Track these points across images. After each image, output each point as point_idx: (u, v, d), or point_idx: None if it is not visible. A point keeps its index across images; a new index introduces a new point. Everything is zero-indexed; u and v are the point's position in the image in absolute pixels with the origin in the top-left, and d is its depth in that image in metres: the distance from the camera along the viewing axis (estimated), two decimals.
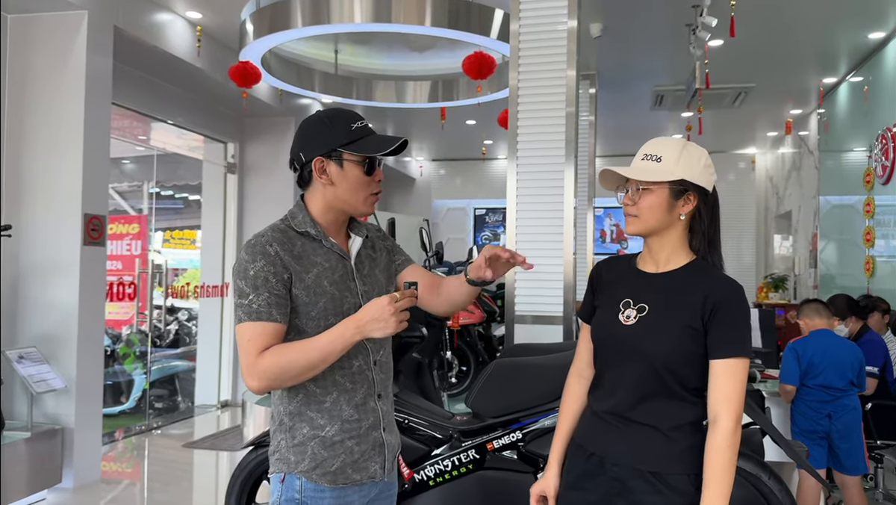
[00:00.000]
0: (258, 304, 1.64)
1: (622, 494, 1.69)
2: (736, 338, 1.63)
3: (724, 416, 1.60)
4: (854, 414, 3.77)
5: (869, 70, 6.72)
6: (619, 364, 1.73)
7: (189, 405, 7.94)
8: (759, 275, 11.28)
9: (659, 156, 1.68)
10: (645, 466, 1.67)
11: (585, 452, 1.78)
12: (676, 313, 1.67)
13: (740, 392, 1.62)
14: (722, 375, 1.62)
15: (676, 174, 1.66)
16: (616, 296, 1.77)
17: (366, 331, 1.61)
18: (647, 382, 1.68)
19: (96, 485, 4.95)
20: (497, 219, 12.43)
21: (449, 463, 2.93)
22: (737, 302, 1.65)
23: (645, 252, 1.79)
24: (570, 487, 1.82)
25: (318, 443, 1.71)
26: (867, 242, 6.55)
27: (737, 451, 1.61)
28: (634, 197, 1.70)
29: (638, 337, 1.69)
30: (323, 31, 5.10)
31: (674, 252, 1.73)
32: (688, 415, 1.69)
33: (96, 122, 5.03)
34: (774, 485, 2.65)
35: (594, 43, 6.19)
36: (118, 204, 9.41)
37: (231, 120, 7.92)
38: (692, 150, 1.69)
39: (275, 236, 1.70)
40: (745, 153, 11.54)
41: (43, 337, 4.84)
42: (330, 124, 1.72)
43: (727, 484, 1.58)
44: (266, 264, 1.65)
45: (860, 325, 4.52)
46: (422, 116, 8.98)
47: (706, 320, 1.64)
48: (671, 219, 1.70)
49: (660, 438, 1.68)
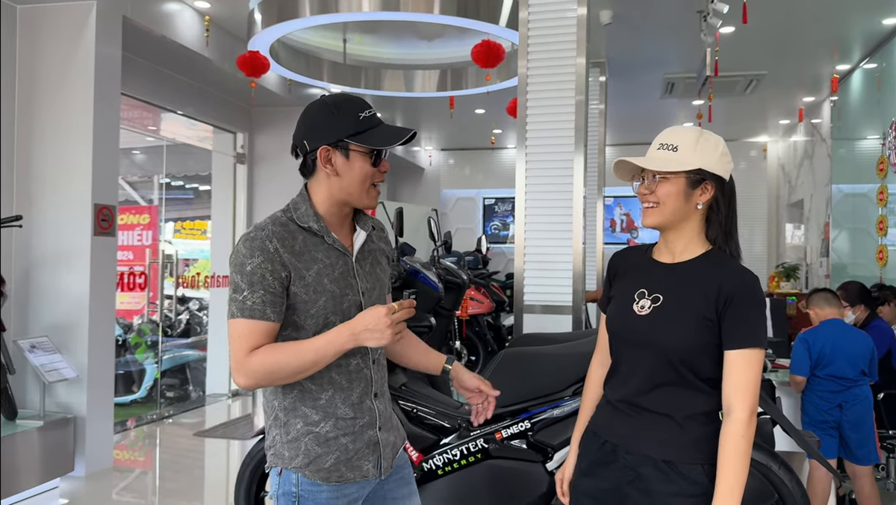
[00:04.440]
0: (252, 301, 1.59)
1: (634, 482, 1.69)
2: (750, 328, 1.62)
3: (739, 406, 1.59)
4: (865, 404, 3.74)
5: (882, 57, 6.63)
6: (633, 354, 1.73)
7: (200, 394, 7.99)
8: (770, 264, 11.21)
9: (675, 145, 1.67)
10: (658, 454, 1.67)
11: (599, 440, 1.79)
12: (691, 304, 1.66)
13: (755, 383, 1.61)
14: (736, 366, 1.61)
15: (693, 163, 1.65)
16: (631, 286, 1.77)
17: (360, 339, 1.59)
18: (660, 371, 1.68)
19: (108, 473, 4.99)
20: (506, 209, 12.40)
21: (458, 452, 2.93)
22: (752, 293, 1.64)
23: (661, 243, 1.79)
24: (583, 474, 1.83)
25: (312, 439, 1.68)
26: (880, 231, 6.49)
27: (751, 441, 1.59)
28: (651, 186, 1.69)
29: (652, 327, 1.69)
30: (331, 19, 5.09)
31: (690, 242, 1.73)
32: (702, 405, 1.68)
33: (105, 112, 5.04)
34: (785, 475, 2.64)
35: (604, 30, 6.14)
36: (129, 194, 9.43)
37: (240, 110, 7.93)
38: (709, 139, 1.68)
39: (275, 231, 1.64)
40: (756, 141, 11.45)
41: (54, 327, 4.87)
42: (337, 112, 1.66)
43: (742, 474, 1.57)
44: (264, 261, 1.60)
45: (868, 313, 4.48)
46: (430, 105, 8.94)
47: (720, 311, 1.63)
48: (689, 208, 1.69)
49: (673, 427, 1.68)
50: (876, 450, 3.80)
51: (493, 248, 11.66)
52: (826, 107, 8.67)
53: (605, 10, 5.85)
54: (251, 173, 8.12)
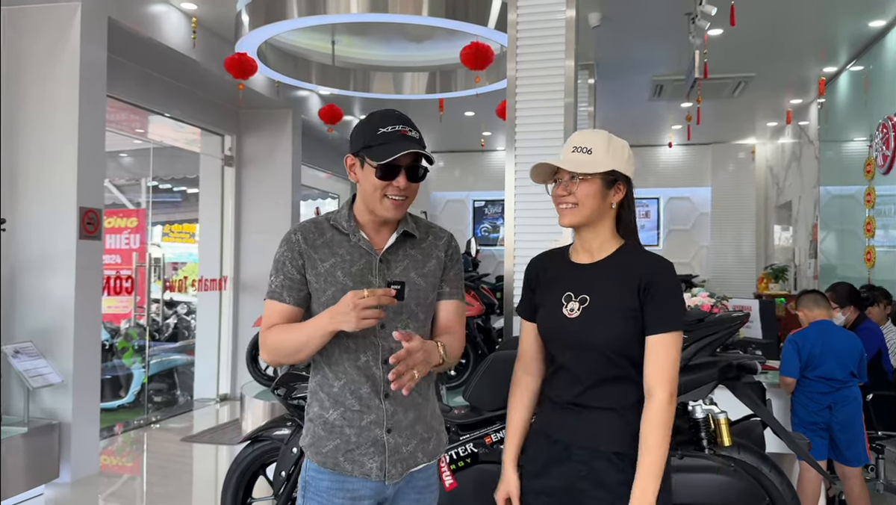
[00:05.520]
0: (276, 284, 1.80)
1: (587, 477, 1.76)
2: (669, 313, 1.72)
3: (659, 388, 1.69)
4: (855, 405, 3.75)
5: (869, 59, 6.67)
6: (571, 355, 1.80)
7: (188, 399, 7.93)
8: (759, 266, 11.25)
9: (589, 148, 1.76)
10: (607, 447, 1.74)
11: (549, 439, 1.83)
12: (617, 300, 1.75)
13: (674, 365, 1.71)
14: (656, 350, 1.71)
15: (608, 165, 1.75)
16: (556, 291, 1.84)
17: (336, 322, 1.66)
18: (600, 368, 1.76)
19: (95, 479, 4.93)
20: (496, 211, 12.39)
21: (447, 457, 2.91)
22: (668, 278, 1.74)
23: (577, 244, 1.86)
24: (534, 476, 1.86)
25: (321, 423, 1.80)
26: (868, 233, 6.52)
27: (671, 422, 1.69)
28: (570, 188, 1.76)
29: (585, 328, 1.76)
30: (319, 21, 5.06)
31: (605, 240, 1.81)
32: (640, 394, 1.75)
33: (91, 114, 4.99)
34: (775, 477, 2.63)
35: (593, 32, 6.14)
36: (116, 198, 9.37)
37: (228, 112, 7.88)
38: (617, 142, 1.79)
39: (305, 226, 1.84)
40: (744, 143, 11.49)
41: (39, 331, 4.82)
42: (367, 124, 1.79)
43: (662, 455, 1.67)
44: (286, 250, 1.80)
45: (857, 314, 4.50)
46: (420, 108, 8.91)
47: (643, 299, 1.73)
48: (604, 207, 1.78)
49: (617, 419, 1.75)
50: (865, 451, 3.81)
51: (483, 251, 11.64)
52: (813, 109, 8.72)
53: (593, 12, 5.85)
54: (239, 176, 8.07)
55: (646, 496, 1.66)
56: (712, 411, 2.49)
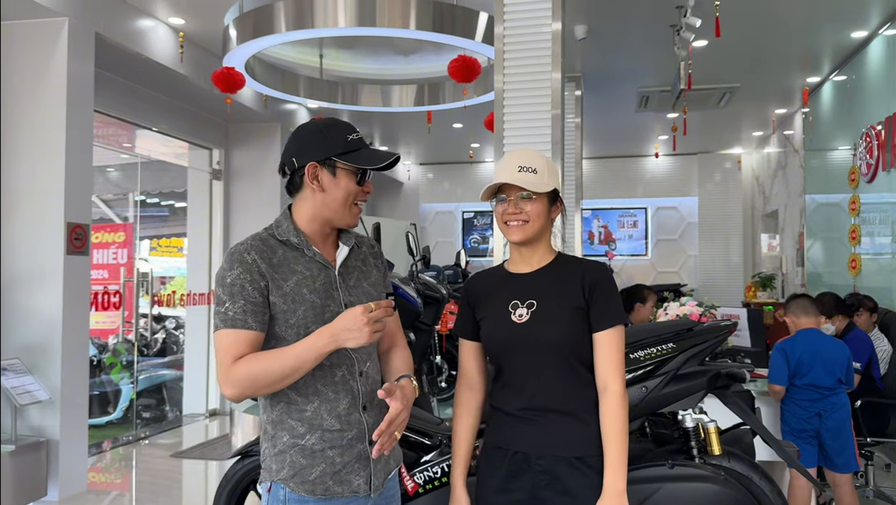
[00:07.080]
0: (234, 311, 1.64)
1: (551, 485, 1.78)
2: (612, 309, 1.84)
3: (613, 381, 1.79)
4: (844, 412, 3.77)
5: (852, 69, 6.75)
6: (523, 361, 1.84)
7: (177, 414, 7.86)
8: (746, 274, 11.32)
9: (534, 168, 1.84)
10: (568, 452, 1.79)
11: (506, 452, 1.84)
12: (564, 299, 1.84)
13: (622, 357, 1.83)
14: (606, 345, 1.81)
15: (552, 184, 1.86)
16: (502, 301, 1.89)
17: (339, 340, 1.61)
18: (554, 370, 1.82)
19: (83, 496, 4.88)
20: (485, 222, 12.42)
21: (438, 470, 2.90)
22: (608, 278, 1.88)
23: (516, 258, 1.95)
24: (495, 492, 1.85)
25: (298, 451, 1.69)
26: (853, 240, 6.58)
27: (627, 411, 1.80)
28: (521, 206, 1.85)
29: (536, 330, 1.82)
30: (307, 35, 5.07)
31: (544, 254, 1.93)
32: (593, 395, 1.83)
33: (78, 129, 4.98)
34: (765, 485, 2.64)
35: (579, 45, 6.19)
36: (103, 212, 9.32)
37: (216, 126, 7.87)
38: (551, 163, 1.91)
39: (254, 245, 1.71)
40: (730, 153, 11.59)
41: (26, 348, 4.78)
42: (327, 132, 1.74)
43: (625, 443, 1.76)
44: (243, 272, 1.66)
45: (846, 322, 4.53)
46: (408, 120, 8.95)
47: (588, 298, 1.83)
48: (547, 223, 1.91)
49: (576, 423, 1.80)
50: (855, 458, 3.83)
51: (473, 262, 11.65)
52: (798, 118, 8.81)
53: (579, 24, 5.90)
54: (227, 189, 8.05)
55: (617, 484, 1.73)
56: (702, 420, 2.49)
